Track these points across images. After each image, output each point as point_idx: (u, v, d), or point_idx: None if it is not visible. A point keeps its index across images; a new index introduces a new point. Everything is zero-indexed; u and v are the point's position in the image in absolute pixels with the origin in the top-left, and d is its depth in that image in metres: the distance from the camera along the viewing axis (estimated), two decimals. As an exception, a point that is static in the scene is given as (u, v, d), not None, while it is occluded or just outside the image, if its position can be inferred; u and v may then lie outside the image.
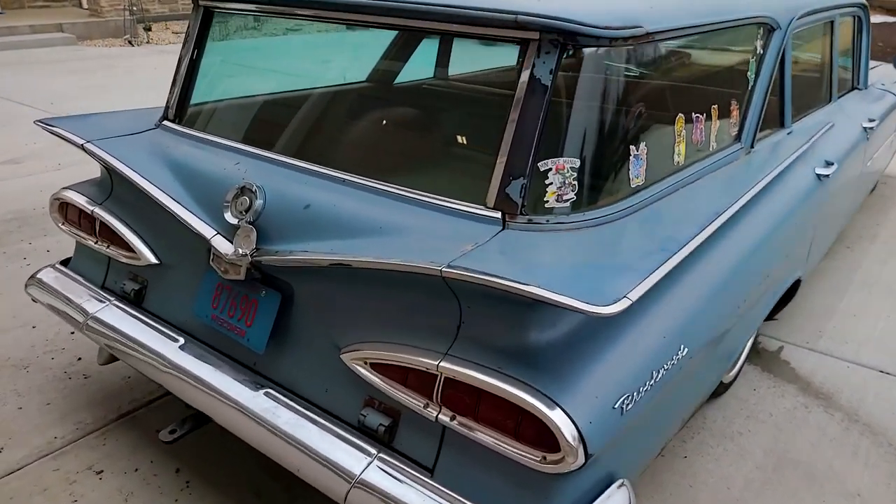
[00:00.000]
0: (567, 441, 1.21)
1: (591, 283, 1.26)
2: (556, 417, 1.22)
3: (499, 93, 2.87)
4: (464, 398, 1.35)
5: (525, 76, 1.47)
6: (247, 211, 1.70)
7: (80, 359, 2.67)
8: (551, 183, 1.48)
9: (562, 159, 1.49)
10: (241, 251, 1.67)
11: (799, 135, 2.61)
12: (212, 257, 1.76)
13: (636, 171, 1.65)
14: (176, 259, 1.99)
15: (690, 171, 1.88)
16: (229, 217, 1.72)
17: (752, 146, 2.25)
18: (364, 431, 1.55)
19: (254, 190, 1.70)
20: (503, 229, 1.45)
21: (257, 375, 1.77)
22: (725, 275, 1.77)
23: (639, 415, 1.39)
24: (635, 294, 1.21)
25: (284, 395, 1.68)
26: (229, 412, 1.69)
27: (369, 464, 1.47)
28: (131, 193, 2.03)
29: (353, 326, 1.57)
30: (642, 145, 1.67)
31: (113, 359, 2.22)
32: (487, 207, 1.48)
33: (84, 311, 2.07)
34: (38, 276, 2.28)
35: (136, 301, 2.09)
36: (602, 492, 1.40)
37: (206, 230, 1.78)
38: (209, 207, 1.81)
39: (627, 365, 1.39)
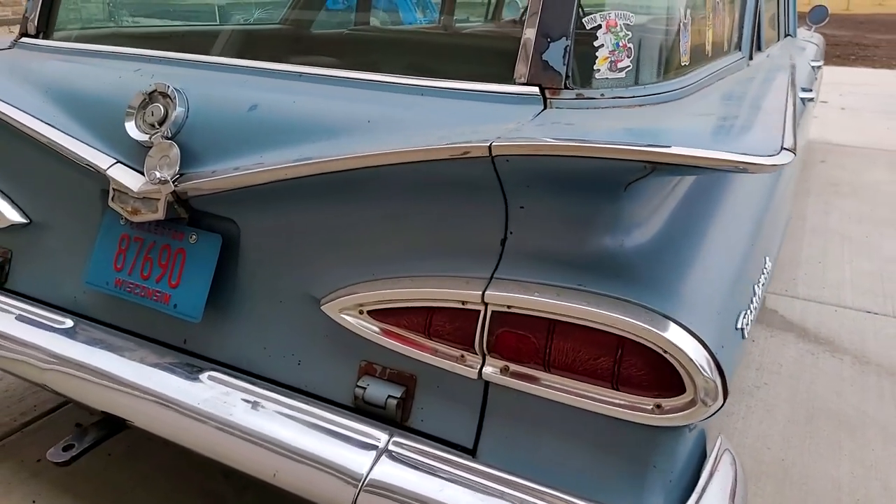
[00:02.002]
0: (703, 373, 0.82)
1: (727, 141, 0.88)
2: (681, 340, 0.83)
3: None
4: (525, 337, 0.93)
5: None
6: (161, 123, 1.19)
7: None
8: (601, 45, 1.09)
9: (612, 13, 1.10)
10: (157, 175, 1.16)
11: (776, 59, 2.41)
12: (112, 196, 1.24)
13: (684, 46, 1.30)
14: (52, 213, 1.43)
15: (715, 66, 1.57)
16: (135, 132, 1.20)
17: (750, 58, 2.00)
18: (365, 411, 1.09)
19: (169, 93, 1.20)
20: (545, 109, 1.04)
21: (191, 356, 1.26)
22: (775, 179, 1.46)
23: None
24: (789, 142, 0.84)
25: (236, 378, 1.19)
26: (156, 411, 1.17)
27: (380, 455, 1.01)
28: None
29: (335, 264, 1.11)
30: (688, 15, 1.32)
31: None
32: (518, 83, 1.07)
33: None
34: None
35: (-5, 281, 1.50)
36: (705, 456, 1.02)
37: (99, 158, 1.25)
38: (101, 129, 1.28)
39: (731, 275, 1.03)
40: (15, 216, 1.43)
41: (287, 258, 1.16)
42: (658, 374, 0.85)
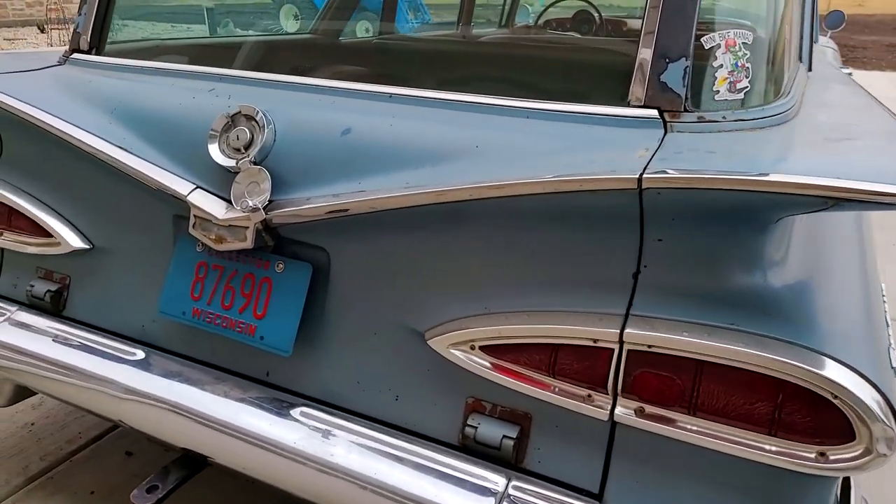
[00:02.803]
0: (881, 420, 0.78)
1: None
2: (853, 384, 0.79)
3: None
4: (669, 379, 0.88)
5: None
6: (247, 147, 1.14)
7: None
8: (721, 65, 1.05)
9: (731, 32, 1.06)
10: (249, 203, 1.10)
11: (825, 68, 2.38)
12: (192, 223, 1.18)
13: (787, 63, 1.26)
14: (117, 239, 1.36)
15: (798, 80, 1.53)
16: (220, 157, 1.15)
17: (809, 69, 1.96)
18: (476, 451, 1.04)
19: (256, 117, 1.14)
20: (666, 133, 0.99)
21: (277, 390, 1.20)
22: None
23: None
24: None
25: (332, 414, 1.13)
26: (245, 449, 1.11)
27: (500, 501, 0.96)
28: (35, 148, 1.39)
29: (440, 297, 1.05)
30: (791, 31, 1.28)
31: (20, 397, 1.53)
32: (633, 105, 1.02)
33: (-29, 331, 1.39)
34: None
35: (52, 308, 1.43)
36: None
37: (177, 183, 1.19)
38: (176, 153, 1.23)
39: (870, 308, 0.98)
40: (77, 241, 1.37)
41: (383, 289, 1.11)
42: (823, 420, 0.80)
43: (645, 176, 0.81)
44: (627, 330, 0.89)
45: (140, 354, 1.29)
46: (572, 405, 0.96)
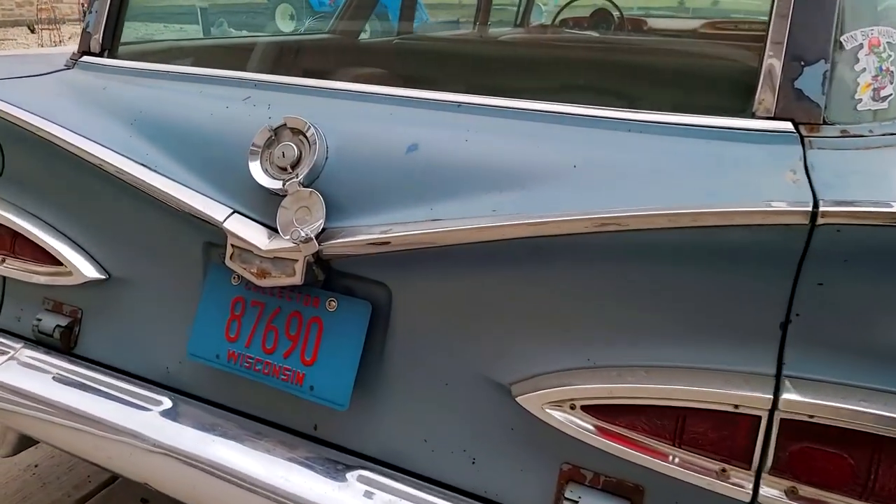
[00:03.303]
0: None
1: None
2: None
3: None
4: (837, 457, 0.72)
5: None
6: (294, 166, 0.97)
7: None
8: (864, 69, 0.89)
9: (875, 29, 0.90)
10: (301, 233, 0.93)
11: None
12: (230, 254, 1.01)
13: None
14: (139, 268, 1.19)
15: None
16: (263, 178, 0.98)
17: None
18: (575, 531, 0.87)
19: (306, 131, 0.98)
20: (805, 150, 0.83)
21: (328, 447, 1.03)
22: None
23: None
24: None
25: (398, 479, 0.96)
26: (295, 523, 0.95)
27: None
28: (41, 164, 1.23)
29: (531, 345, 0.89)
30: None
31: (25, 445, 1.36)
32: (760, 116, 0.86)
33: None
34: None
35: (62, 345, 1.26)
36: None
37: (212, 207, 1.02)
38: (209, 172, 1.06)
39: None
40: (91, 271, 1.20)
41: (458, 333, 0.94)
42: None
43: (823, 209, 0.65)
44: (786, 396, 0.72)
45: (167, 402, 1.12)
46: (702, 481, 0.79)
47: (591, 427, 0.85)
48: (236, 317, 1.07)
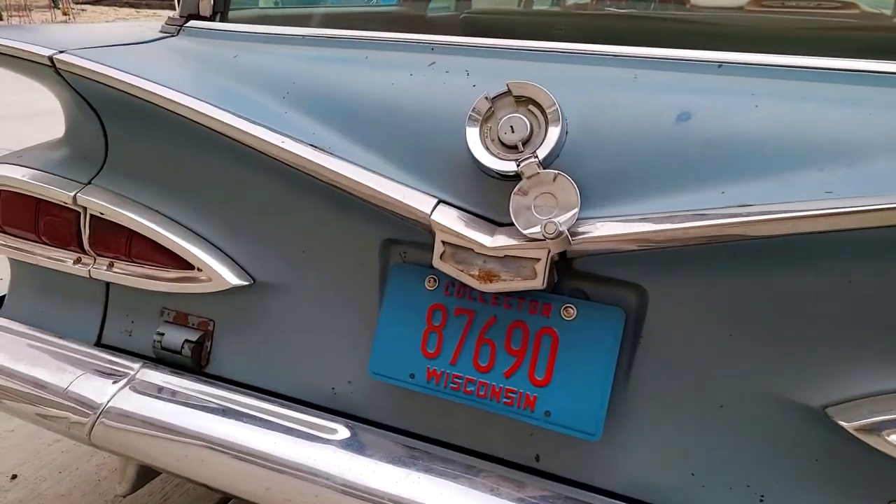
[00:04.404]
0: None
1: None
2: None
3: None
4: None
5: None
6: (525, 143, 0.79)
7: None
8: None
9: None
10: (558, 226, 0.75)
11: None
12: (440, 252, 0.83)
13: None
14: (292, 270, 1.00)
15: None
16: (488, 158, 0.79)
17: None
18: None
19: (539, 100, 0.79)
20: None
21: (556, 481, 0.86)
22: None
23: None
24: None
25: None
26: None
27: None
28: (158, 147, 1.03)
29: (868, 360, 0.72)
30: None
31: (144, 481, 1.17)
32: None
33: (86, 403, 1.02)
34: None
35: (193, 364, 1.07)
36: None
37: (412, 196, 0.83)
38: (396, 153, 0.87)
39: None
40: (233, 277, 1.00)
41: (742, 345, 0.77)
42: None
43: None
44: None
45: (343, 430, 0.93)
46: None
47: (944, 458, 0.68)
48: (435, 328, 0.89)
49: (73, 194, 1.05)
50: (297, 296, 1.01)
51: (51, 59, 0.96)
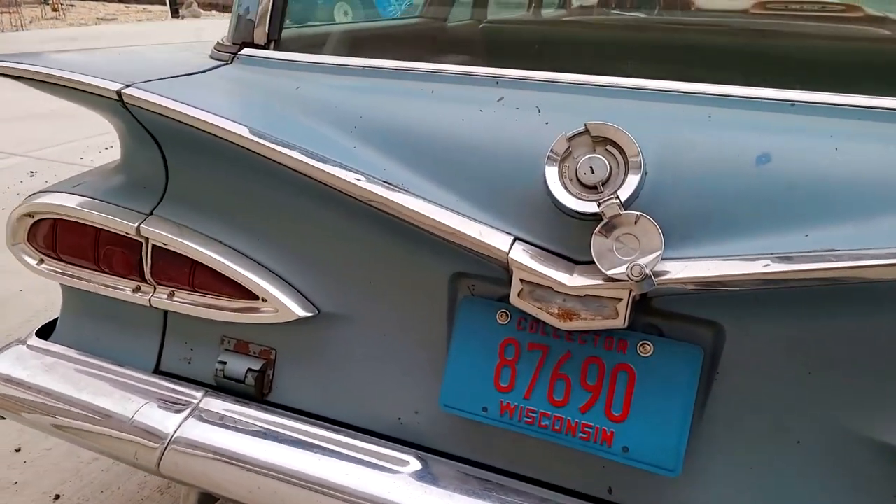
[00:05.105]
0: None
1: None
2: None
3: None
4: None
5: None
6: (605, 184, 0.80)
7: None
8: None
9: None
10: (641, 268, 0.76)
11: None
12: (518, 290, 0.84)
13: None
14: (357, 302, 1.01)
15: None
16: (569, 199, 0.80)
17: None
18: None
19: (618, 140, 0.80)
20: None
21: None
22: None
23: None
24: None
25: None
26: None
27: None
28: (221, 177, 1.04)
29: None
30: None
31: (205, 505, 1.18)
32: None
33: (153, 433, 1.03)
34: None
35: (256, 393, 1.08)
36: None
37: (488, 233, 0.85)
38: (469, 189, 0.88)
39: None
40: (298, 309, 1.01)
41: (821, 380, 0.79)
42: None
43: None
44: None
45: (414, 462, 0.95)
46: None
47: None
48: (508, 363, 0.90)
49: (136, 225, 1.06)
50: (362, 326, 1.02)
51: (119, 93, 0.97)
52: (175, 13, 15.93)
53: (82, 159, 4.34)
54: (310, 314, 1.02)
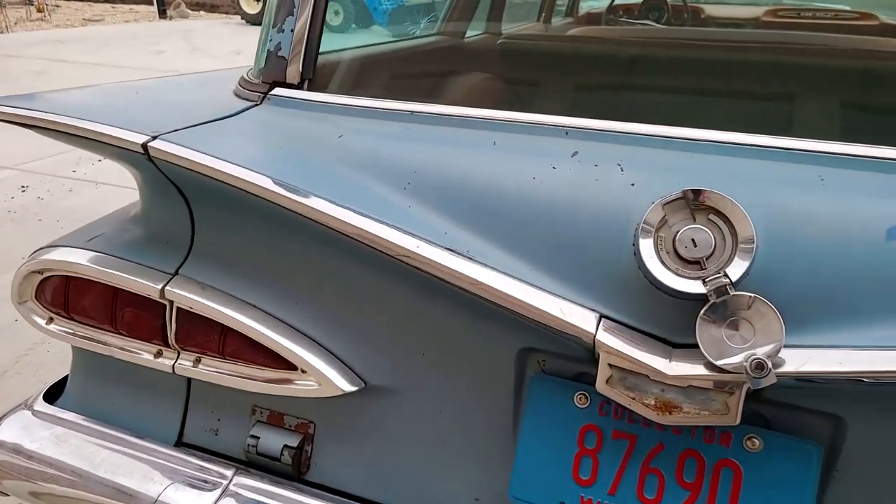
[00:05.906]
0: None
1: None
2: None
3: None
4: None
5: None
6: (708, 258, 0.69)
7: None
8: None
9: None
10: (764, 361, 0.66)
11: None
12: (607, 377, 0.73)
13: None
14: (409, 376, 0.91)
15: None
16: (670, 278, 0.70)
17: None
18: None
19: (724, 212, 0.70)
20: None
21: None
22: None
23: None
24: None
25: None
26: None
27: None
28: (265, 243, 0.93)
29: None
30: None
31: None
32: None
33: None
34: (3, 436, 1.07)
35: (293, 471, 0.97)
36: None
37: (570, 312, 0.74)
38: (542, 259, 0.78)
39: None
40: (344, 383, 0.90)
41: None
42: None
43: None
44: None
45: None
46: None
47: None
48: (589, 452, 0.80)
49: (160, 287, 0.95)
50: (414, 402, 0.91)
51: (144, 146, 0.86)
52: (162, 14, 15.73)
53: (75, 172, 4.21)
54: (355, 388, 0.91)
